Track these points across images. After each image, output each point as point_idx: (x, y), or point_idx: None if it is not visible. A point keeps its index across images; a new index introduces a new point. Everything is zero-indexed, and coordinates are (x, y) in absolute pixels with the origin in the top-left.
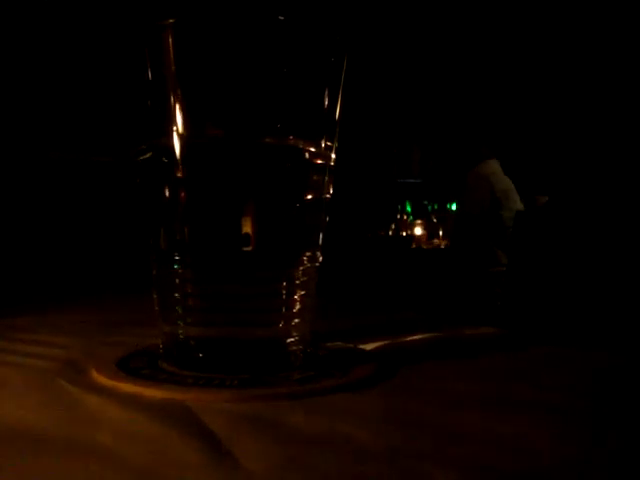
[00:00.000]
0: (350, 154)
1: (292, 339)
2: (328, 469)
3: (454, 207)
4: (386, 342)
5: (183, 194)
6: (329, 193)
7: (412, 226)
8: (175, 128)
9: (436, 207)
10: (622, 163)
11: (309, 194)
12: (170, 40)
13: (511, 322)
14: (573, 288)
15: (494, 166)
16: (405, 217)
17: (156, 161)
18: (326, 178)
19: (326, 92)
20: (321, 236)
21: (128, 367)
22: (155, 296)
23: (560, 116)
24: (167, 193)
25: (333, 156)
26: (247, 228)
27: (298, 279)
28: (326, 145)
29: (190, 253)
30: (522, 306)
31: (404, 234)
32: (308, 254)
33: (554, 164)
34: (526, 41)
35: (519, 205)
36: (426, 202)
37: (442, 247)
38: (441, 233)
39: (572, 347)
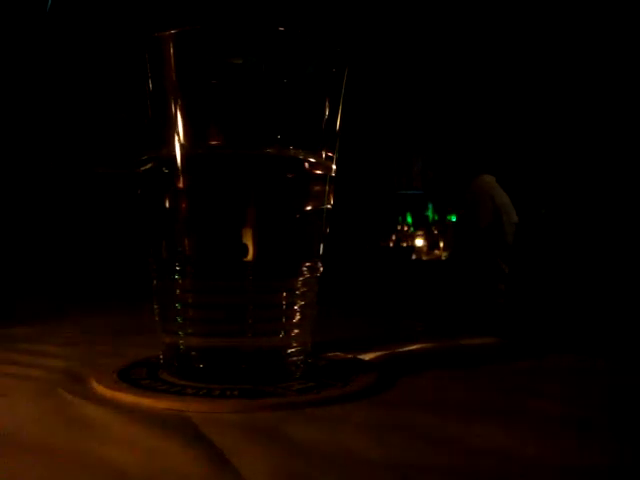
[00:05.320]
0: (351, 165)
1: (292, 349)
2: None
3: (454, 218)
4: (386, 352)
5: (184, 204)
6: (330, 204)
7: (413, 237)
8: (176, 139)
9: (436, 218)
10: (619, 174)
11: (310, 204)
12: (171, 51)
13: (512, 332)
14: (573, 297)
15: (491, 180)
16: (406, 228)
17: (157, 172)
18: (327, 188)
19: (327, 103)
20: (321, 246)
21: (128, 377)
22: (155, 306)
23: (557, 130)
24: (168, 203)
25: (334, 167)
26: (248, 238)
27: (298, 289)
28: (327, 156)
29: (191, 263)
30: (523, 316)
31: (405, 245)
32: (308, 264)
33: (552, 176)
34: (526, 55)
35: (515, 219)
36: (427, 213)
37: (443, 258)
38: (441, 244)
39: (572, 356)
